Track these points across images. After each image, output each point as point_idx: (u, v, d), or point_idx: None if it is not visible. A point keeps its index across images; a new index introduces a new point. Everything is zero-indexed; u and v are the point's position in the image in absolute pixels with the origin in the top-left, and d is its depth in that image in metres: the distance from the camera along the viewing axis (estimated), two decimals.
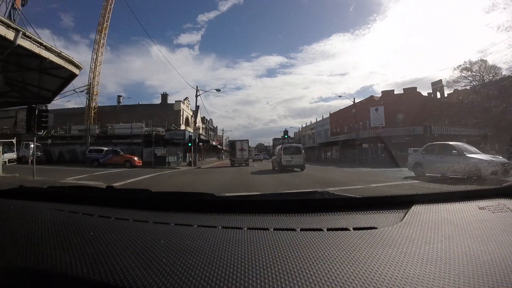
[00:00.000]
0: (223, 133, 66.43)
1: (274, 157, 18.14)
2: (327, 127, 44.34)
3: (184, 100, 35.88)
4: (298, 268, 0.53)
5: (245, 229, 0.77)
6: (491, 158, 8.43)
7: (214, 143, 46.38)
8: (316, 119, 50.97)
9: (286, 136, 27.93)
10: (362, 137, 30.19)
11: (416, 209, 0.89)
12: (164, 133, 26.54)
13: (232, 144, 26.97)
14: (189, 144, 24.14)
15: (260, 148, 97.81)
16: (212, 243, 0.67)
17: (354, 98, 33.95)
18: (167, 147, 24.85)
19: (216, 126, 68.59)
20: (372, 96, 35.14)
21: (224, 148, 67.27)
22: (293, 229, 0.75)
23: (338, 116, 41.04)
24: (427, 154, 10.07)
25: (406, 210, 0.88)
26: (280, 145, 18.07)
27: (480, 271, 0.52)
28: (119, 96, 37.97)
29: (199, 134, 32.22)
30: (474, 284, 0.48)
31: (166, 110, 33.11)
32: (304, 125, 58.93)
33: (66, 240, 0.71)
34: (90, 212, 0.96)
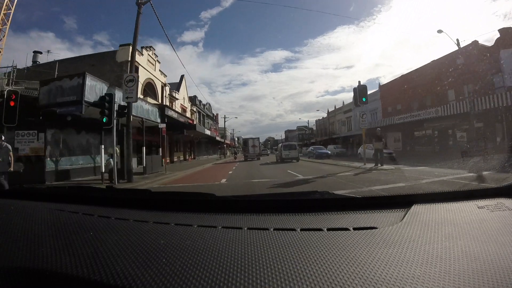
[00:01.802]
0: (224, 121, 49.16)
1: (277, 152, 23.97)
2: (375, 107, 29.12)
3: (143, 49, 18.70)
4: (298, 268, 0.53)
5: (245, 229, 0.77)
6: None
7: (208, 133, 30.94)
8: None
9: (364, 99, 13.24)
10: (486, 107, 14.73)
11: (416, 209, 0.89)
12: (37, 94, 9.72)
13: (245, 141, 30.71)
14: (104, 120, 8.33)
15: (271, 142, 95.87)
16: (212, 243, 0.67)
17: (457, 39, 16.80)
18: (54, 130, 9.53)
19: (217, 114, 52.76)
20: (475, 42, 17.92)
21: (229, 142, 51.23)
22: (293, 229, 0.75)
23: (396, 88, 25.29)
24: None
25: (406, 210, 0.88)
26: (281, 144, 25.29)
27: (480, 271, 0.52)
28: (36, 52, 21.00)
29: (163, 107, 16.57)
30: (474, 284, 0.48)
31: (106, 64, 16.41)
32: (331, 109, 44.30)
33: (66, 240, 0.70)
34: (90, 212, 0.96)
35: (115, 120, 8.92)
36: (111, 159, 9.18)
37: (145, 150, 12.12)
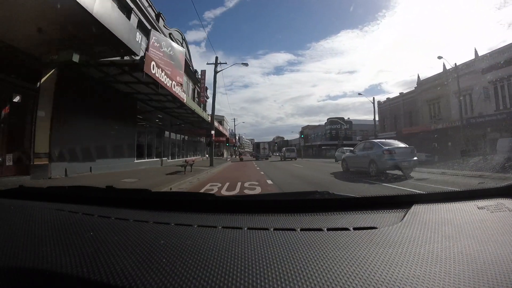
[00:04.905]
0: (215, 77, 17.47)
1: (282, 153, 35.51)
2: None
3: None
4: (298, 268, 0.53)
5: (245, 229, 0.77)
6: None
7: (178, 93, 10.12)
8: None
9: None
10: None
11: (416, 209, 0.89)
12: None
13: (257, 145, 39.58)
14: None
15: (280, 143, 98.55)
16: (212, 243, 0.67)
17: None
18: None
19: (202, 71, 27.40)
20: None
21: (227, 135, 40.09)
22: (293, 229, 0.75)
23: None
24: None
25: (406, 210, 0.88)
26: (284, 148, 35.75)
27: (480, 271, 0.52)
28: None
29: None
30: (474, 284, 0.48)
31: None
32: (418, 81, 27.49)
33: (66, 240, 0.71)
34: (90, 212, 0.96)
35: None
36: None
37: None
